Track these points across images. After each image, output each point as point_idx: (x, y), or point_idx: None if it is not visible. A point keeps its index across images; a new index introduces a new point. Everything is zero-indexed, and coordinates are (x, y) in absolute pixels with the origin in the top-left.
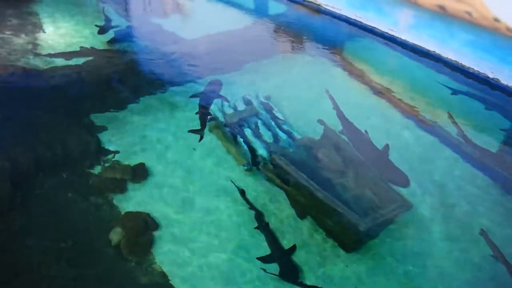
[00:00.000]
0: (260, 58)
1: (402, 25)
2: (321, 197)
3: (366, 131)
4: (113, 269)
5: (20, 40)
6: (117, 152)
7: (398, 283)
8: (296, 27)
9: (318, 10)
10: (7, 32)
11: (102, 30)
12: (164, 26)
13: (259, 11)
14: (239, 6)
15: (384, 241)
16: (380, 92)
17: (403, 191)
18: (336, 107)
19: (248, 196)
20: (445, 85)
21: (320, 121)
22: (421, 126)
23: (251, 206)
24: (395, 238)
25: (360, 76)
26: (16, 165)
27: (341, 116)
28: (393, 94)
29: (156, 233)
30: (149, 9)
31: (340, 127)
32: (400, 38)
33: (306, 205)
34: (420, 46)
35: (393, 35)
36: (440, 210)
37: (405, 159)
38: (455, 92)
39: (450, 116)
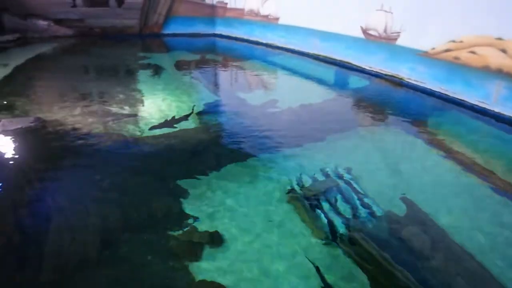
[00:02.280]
0: (341, 131)
1: (494, 97)
2: (406, 281)
3: None
4: None
5: (124, 112)
6: (197, 218)
7: None
8: (378, 100)
9: (401, 83)
10: (115, 105)
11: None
12: (248, 100)
13: (340, 85)
14: (320, 81)
15: None
16: (470, 168)
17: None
18: None
19: (325, 273)
20: None
21: (404, 198)
22: None
23: (328, 285)
24: None
25: (447, 151)
26: (107, 223)
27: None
28: (485, 169)
29: None
30: (235, 85)
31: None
32: (493, 111)
33: None
34: None
35: (485, 108)
36: None
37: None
38: None
39: None
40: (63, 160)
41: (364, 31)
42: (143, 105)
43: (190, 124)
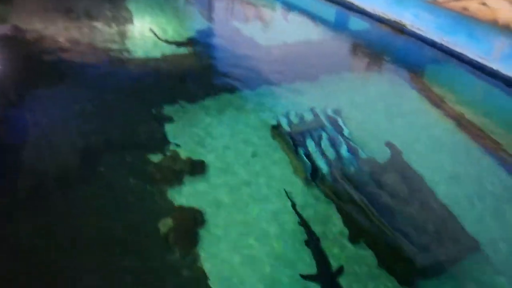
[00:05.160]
0: (334, 72)
1: (495, 54)
2: (379, 224)
3: None
4: (156, 257)
5: (111, 30)
6: (179, 145)
7: None
8: (376, 46)
9: (402, 30)
10: (102, 22)
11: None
12: (243, 31)
13: (340, 26)
14: (320, 19)
15: (442, 284)
16: (459, 123)
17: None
18: None
19: (302, 210)
20: None
21: (389, 144)
22: (505, 167)
23: (303, 221)
24: (457, 281)
25: (438, 104)
26: (88, 142)
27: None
28: (475, 126)
29: (203, 231)
30: (230, 14)
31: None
32: (491, 68)
33: (361, 229)
34: None
35: (483, 64)
36: None
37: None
38: None
39: None
40: (44, 75)
41: None
42: (132, 25)
43: (180, 49)
